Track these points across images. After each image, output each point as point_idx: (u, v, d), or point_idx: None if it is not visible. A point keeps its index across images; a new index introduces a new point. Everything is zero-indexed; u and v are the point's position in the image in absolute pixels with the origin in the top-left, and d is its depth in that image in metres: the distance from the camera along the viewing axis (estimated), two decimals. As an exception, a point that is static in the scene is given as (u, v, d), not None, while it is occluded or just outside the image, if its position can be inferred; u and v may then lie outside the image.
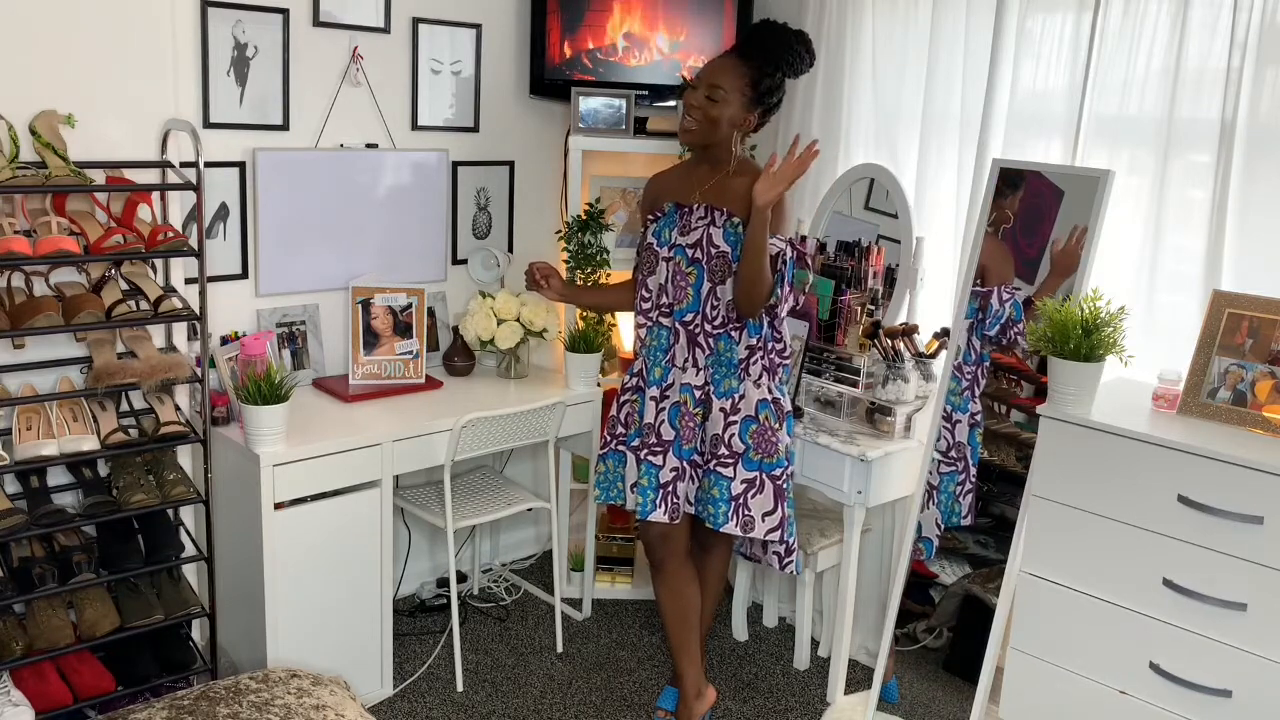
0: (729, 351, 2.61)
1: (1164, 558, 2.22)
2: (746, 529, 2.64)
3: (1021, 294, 2.69)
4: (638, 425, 2.71)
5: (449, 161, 3.45)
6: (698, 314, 2.62)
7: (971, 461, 2.77)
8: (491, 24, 3.48)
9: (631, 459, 2.72)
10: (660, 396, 2.68)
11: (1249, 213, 2.54)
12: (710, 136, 2.58)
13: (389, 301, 3.21)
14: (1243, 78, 2.50)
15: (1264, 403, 2.25)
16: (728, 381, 2.62)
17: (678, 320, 2.65)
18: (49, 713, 2.47)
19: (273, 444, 2.65)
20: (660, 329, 2.68)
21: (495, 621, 3.48)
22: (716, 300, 2.59)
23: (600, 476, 2.80)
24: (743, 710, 3.05)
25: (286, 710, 2.25)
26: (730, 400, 2.62)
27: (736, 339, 2.61)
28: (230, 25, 2.90)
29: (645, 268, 2.70)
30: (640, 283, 2.72)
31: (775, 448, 2.64)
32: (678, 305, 2.64)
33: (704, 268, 2.59)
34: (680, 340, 2.65)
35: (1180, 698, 2.23)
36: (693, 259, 2.61)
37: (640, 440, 2.70)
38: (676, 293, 2.64)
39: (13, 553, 2.54)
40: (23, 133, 2.49)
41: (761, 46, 2.56)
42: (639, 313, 2.73)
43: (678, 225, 2.64)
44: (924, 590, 3.23)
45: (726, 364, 2.62)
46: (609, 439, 2.79)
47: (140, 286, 2.63)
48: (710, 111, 2.55)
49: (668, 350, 2.67)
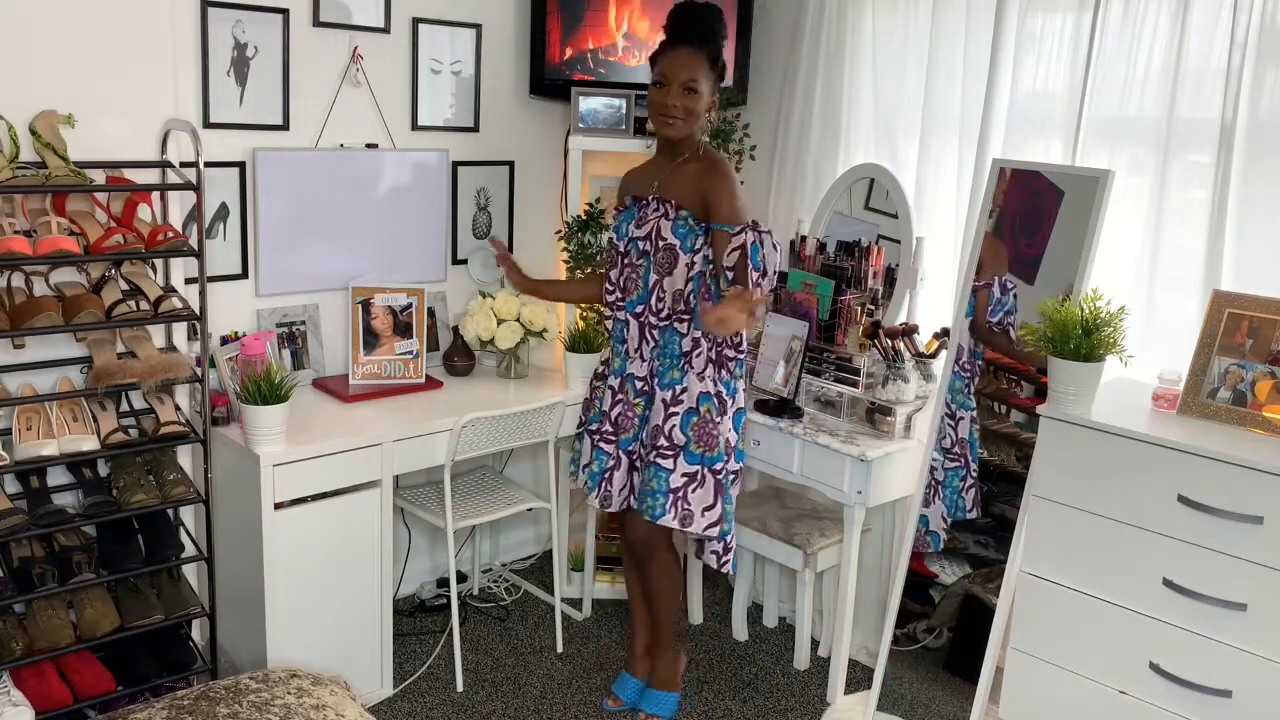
0: (673, 344, 2.69)
1: (1164, 558, 2.22)
2: (685, 523, 2.66)
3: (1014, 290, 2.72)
4: (596, 410, 2.85)
5: (449, 161, 3.45)
6: (645, 305, 2.70)
7: (971, 458, 2.78)
8: (491, 24, 3.47)
9: (588, 441, 2.86)
10: (619, 387, 2.79)
11: (1249, 213, 2.54)
12: (690, 128, 2.67)
13: (389, 301, 3.21)
14: (1243, 78, 2.50)
15: (1264, 403, 2.25)
16: (671, 373, 2.69)
17: (629, 312, 2.74)
18: (49, 713, 2.47)
19: (273, 444, 2.65)
20: (617, 321, 2.78)
21: (495, 621, 3.48)
22: (663, 292, 2.67)
23: (575, 454, 2.98)
24: (743, 710, 3.05)
25: (286, 710, 2.25)
26: (672, 391, 2.68)
27: (683, 331, 2.67)
28: (230, 25, 2.90)
29: (609, 261, 2.82)
30: (605, 275, 2.83)
31: (715, 440, 2.66)
32: (629, 297, 2.74)
33: (651, 259, 2.68)
34: (632, 330, 2.74)
35: (1180, 698, 2.23)
36: (643, 251, 2.70)
37: (596, 426, 2.84)
38: (628, 285, 2.74)
39: (13, 553, 2.54)
40: (23, 133, 2.49)
41: (705, 29, 2.65)
42: (606, 305, 2.83)
43: (635, 218, 2.74)
44: (924, 590, 3.23)
45: (671, 355, 2.69)
46: (581, 420, 2.96)
47: (140, 286, 2.63)
48: (690, 106, 2.63)
49: (624, 340, 2.77)
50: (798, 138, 3.47)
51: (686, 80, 2.61)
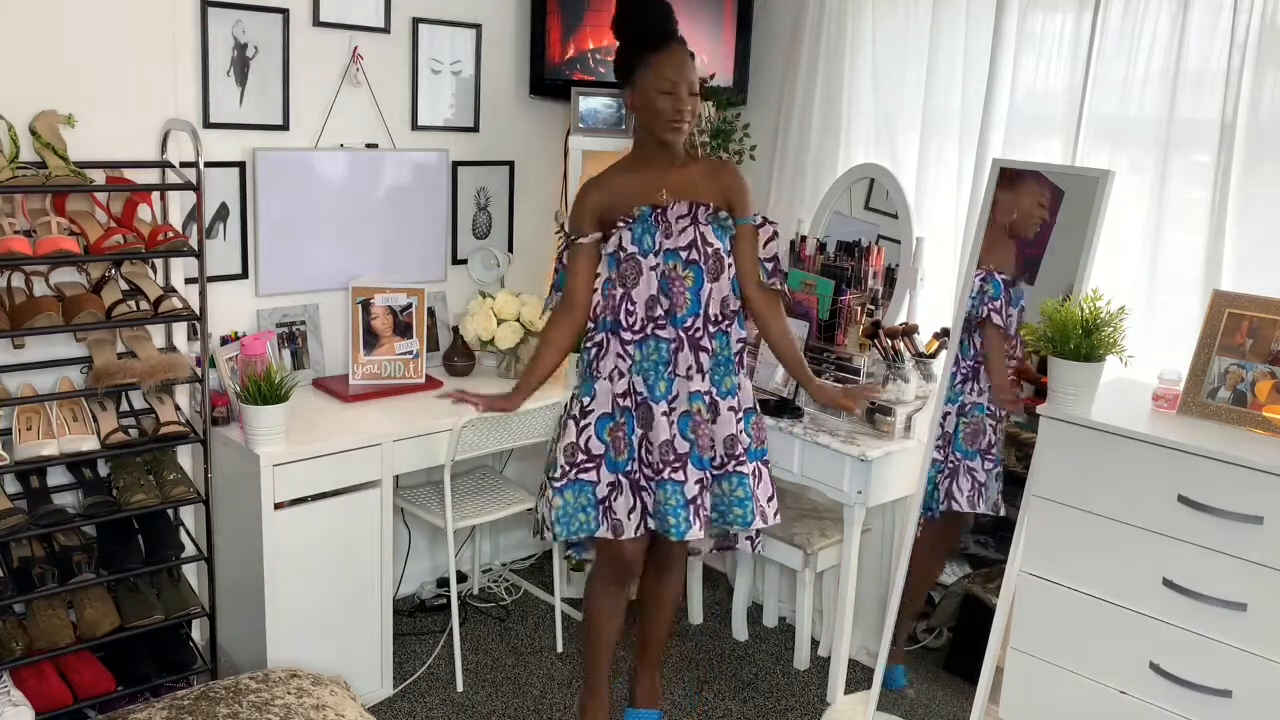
0: (725, 349, 2.58)
1: (1164, 558, 2.22)
2: (765, 520, 2.64)
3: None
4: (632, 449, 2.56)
5: (449, 161, 3.45)
6: (698, 316, 2.54)
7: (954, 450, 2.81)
8: (491, 24, 3.47)
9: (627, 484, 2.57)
10: (669, 410, 2.55)
11: (1249, 213, 2.54)
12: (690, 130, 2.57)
13: (389, 301, 3.21)
14: (1243, 78, 2.50)
15: (1264, 403, 2.25)
16: (728, 380, 2.58)
17: (678, 327, 2.53)
18: (49, 713, 2.47)
19: (273, 444, 2.65)
20: (658, 341, 2.53)
21: (495, 621, 3.48)
22: (711, 299, 2.54)
23: (559, 510, 2.56)
24: (743, 710, 3.05)
25: (286, 710, 2.25)
26: (735, 397, 2.59)
27: (730, 334, 2.58)
28: (230, 25, 2.90)
29: (625, 280, 2.52)
30: (616, 298, 2.53)
31: (765, 433, 2.67)
32: (677, 311, 2.51)
33: (701, 268, 2.52)
34: (684, 347, 2.53)
35: (1180, 698, 2.23)
36: (689, 260, 2.51)
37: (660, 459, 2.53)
38: (675, 298, 2.51)
39: (13, 553, 2.54)
40: (23, 133, 2.49)
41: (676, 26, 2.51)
42: (623, 329, 2.53)
43: (658, 229, 2.51)
44: (924, 590, 3.23)
45: (725, 361, 2.58)
46: (568, 468, 2.56)
47: (140, 286, 2.63)
48: (696, 108, 2.51)
49: (669, 361, 2.54)
50: (798, 138, 3.47)
51: (691, 82, 2.48)
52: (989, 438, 2.74)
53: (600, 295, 2.56)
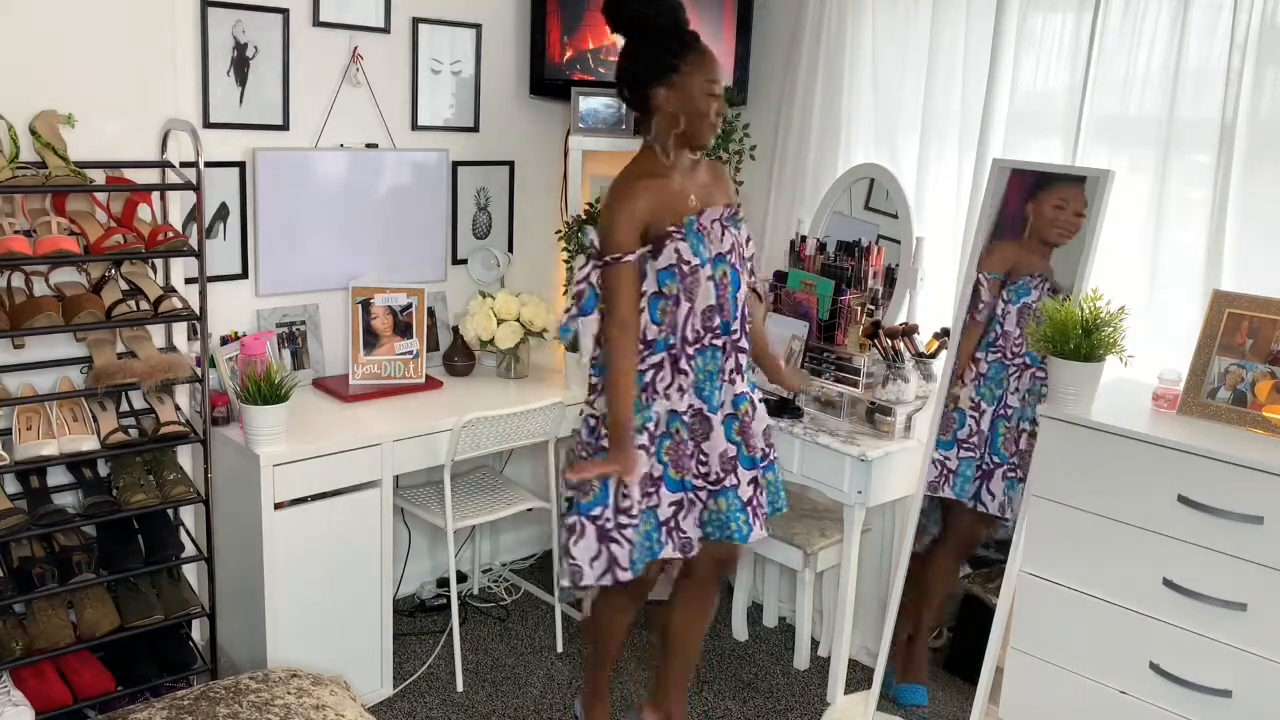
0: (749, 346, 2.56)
1: (1164, 558, 2.22)
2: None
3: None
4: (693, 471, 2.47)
5: (449, 161, 3.45)
6: (738, 319, 2.47)
7: None
8: (491, 24, 3.47)
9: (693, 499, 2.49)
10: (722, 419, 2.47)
11: (1249, 212, 2.54)
12: None
13: (389, 301, 3.21)
14: (1243, 78, 2.50)
15: (1264, 403, 2.25)
16: (750, 376, 2.56)
17: (727, 334, 2.44)
18: (49, 713, 2.47)
19: (273, 444, 2.66)
20: (713, 350, 2.43)
21: (495, 621, 3.48)
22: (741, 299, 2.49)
23: (638, 546, 2.42)
24: (743, 710, 3.05)
25: (286, 710, 2.25)
26: (757, 389, 2.59)
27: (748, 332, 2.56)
28: (230, 25, 2.90)
29: (688, 294, 2.37)
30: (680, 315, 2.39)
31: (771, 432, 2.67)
32: (726, 317, 2.43)
33: (738, 271, 2.46)
34: (730, 353, 2.46)
35: (1180, 698, 2.23)
36: (731, 265, 2.44)
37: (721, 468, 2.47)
38: (726, 306, 2.43)
39: (13, 553, 2.54)
40: (23, 133, 2.49)
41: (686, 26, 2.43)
42: (685, 344, 2.41)
43: (704, 237, 2.40)
44: (924, 590, 3.23)
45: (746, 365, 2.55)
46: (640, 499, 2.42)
47: (140, 286, 2.63)
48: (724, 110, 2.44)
49: (721, 369, 2.46)
50: (798, 138, 3.47)
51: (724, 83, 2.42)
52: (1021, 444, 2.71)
53: (651, 314, 2.39)
